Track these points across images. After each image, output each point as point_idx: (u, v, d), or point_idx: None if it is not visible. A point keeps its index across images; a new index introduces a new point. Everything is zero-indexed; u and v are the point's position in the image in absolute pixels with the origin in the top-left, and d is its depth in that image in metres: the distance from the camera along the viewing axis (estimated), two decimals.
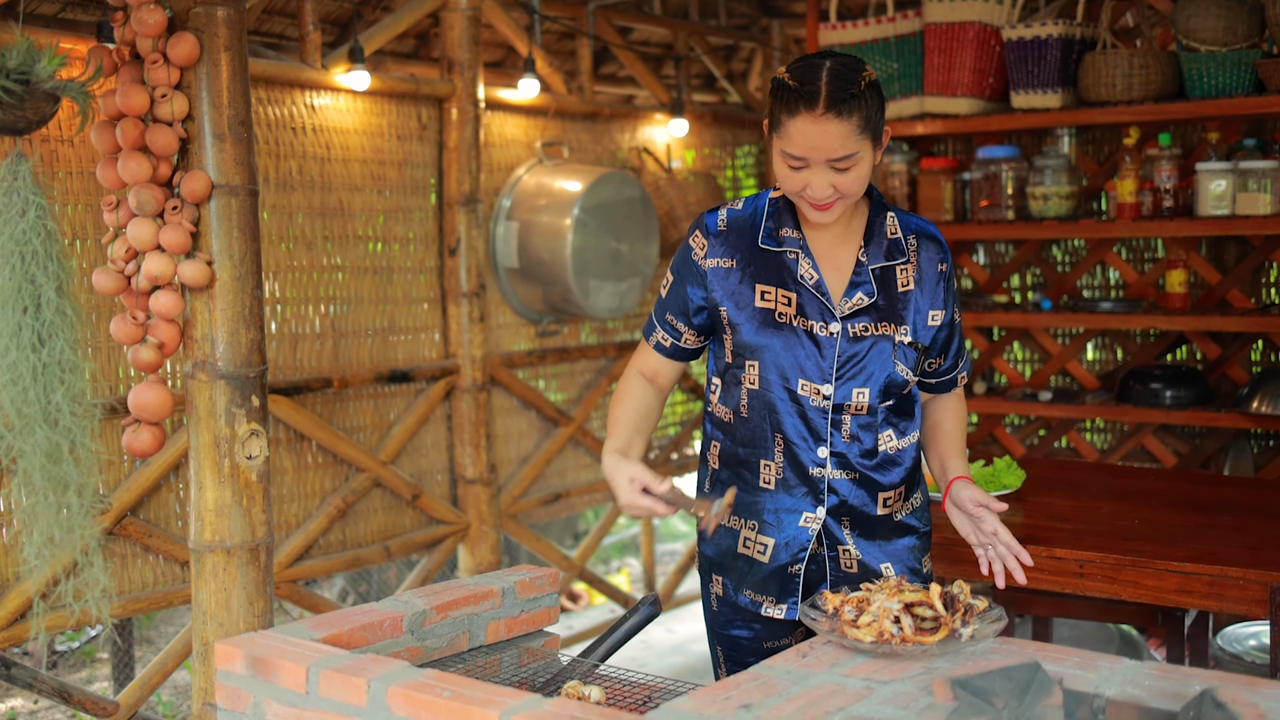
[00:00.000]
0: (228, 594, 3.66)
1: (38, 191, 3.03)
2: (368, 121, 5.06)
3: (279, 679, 2.29)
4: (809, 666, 2.25)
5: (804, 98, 2.57)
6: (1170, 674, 2.17)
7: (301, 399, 4.81)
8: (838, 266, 2.77)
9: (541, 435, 5.88)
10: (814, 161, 2.60)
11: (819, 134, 2.57)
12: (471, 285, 5.34)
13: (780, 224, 2.78)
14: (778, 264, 2.77)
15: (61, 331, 3.05)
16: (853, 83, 2.58)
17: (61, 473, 3.09)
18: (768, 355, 2.75)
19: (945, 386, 2.95)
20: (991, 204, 5.42)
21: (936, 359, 2.87)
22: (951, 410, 2.97)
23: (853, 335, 2.74)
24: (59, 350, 3.04)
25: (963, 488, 2.80)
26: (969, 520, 2.81)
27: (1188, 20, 4.71)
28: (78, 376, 3.09)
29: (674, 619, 6.77)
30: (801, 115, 2.57)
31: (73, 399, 3.08)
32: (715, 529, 2.73)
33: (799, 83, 2.58)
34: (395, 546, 5.15)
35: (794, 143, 2.60)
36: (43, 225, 3.01)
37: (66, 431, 3.08)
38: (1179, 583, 3.20)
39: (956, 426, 2.96)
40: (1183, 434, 5.49)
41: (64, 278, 3.08)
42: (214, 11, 3.52)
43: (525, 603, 2.79)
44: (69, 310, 3.07)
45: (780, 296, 2.76)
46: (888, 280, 2.77)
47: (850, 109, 2.56)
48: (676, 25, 6.50)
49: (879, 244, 2.78)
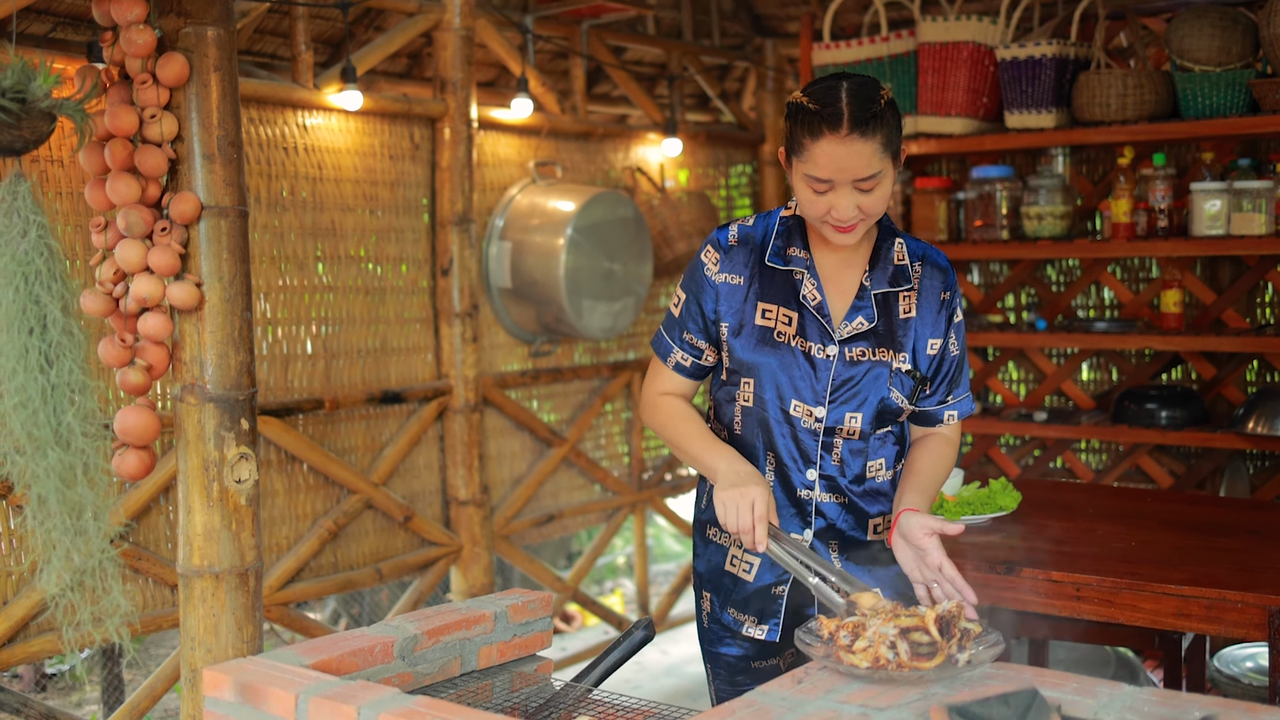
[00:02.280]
0: (216, 619, 3.63)
1: (38, 211, 3.00)
2: (360, 141, 5.05)
3: (268, 706, 2.26)
4: (804, 693, 2.22)
5: (827, 119, 2.55)
6: (1169, 699, 2.14)
7: (293, 420, 4.78)
8: (841, 289, 2.76)
9: (535, 456, 5.86)
10: (839, 183, 2.58)
11: (845, 154, 2.55)
12: (464, 305, 5.32)
13: (789, 243, 2.77)
14: (783, 282, 2.76)
15: (69, 351, 3.00)
16: (873, 100, 2.57)
17: (76, 495, 3.04)
18: (763, 373, 2.74)
19: (929, 419, 2.86)
20: (986, 224, 5.41)
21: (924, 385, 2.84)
22: (931, 452, 2.82)
23: (850, 359, 2.72)
24: (67, 370, 3.00)
25: (911, 516, 2.62)
26: (914, 554, 2.62)
27: (1182, 40, 4.70)
28: (87, 397, 3.05)
29: (668, 640, 6.73)
30: (826, 137, 2.56)
31: (84, 419, 3.03)
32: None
33: (820, 105, 2.57)
34: (387, 569, 5.12)
35: (819, 165, 2.58)
36: (45, 245, 2.98)
37: (80, 453, 3.03)
38: (1176, 606, 3.17)
39: (929, 466, 2.79)
40: (1178, 454, 5.47)
41: (69, 297, 3.04)
42: (204, 31, 3.50)
43: (518, 627, 2.76)
44: (75, 330, 3.03)
45: (781, 315, 2.74)
46: (889, 306, 2.76)
47: (874, 128, 2.55)
48: (670, 45, 6.50)
49: (884, 269, 2.77)
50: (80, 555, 3.10)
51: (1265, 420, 4.85)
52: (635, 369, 6.33)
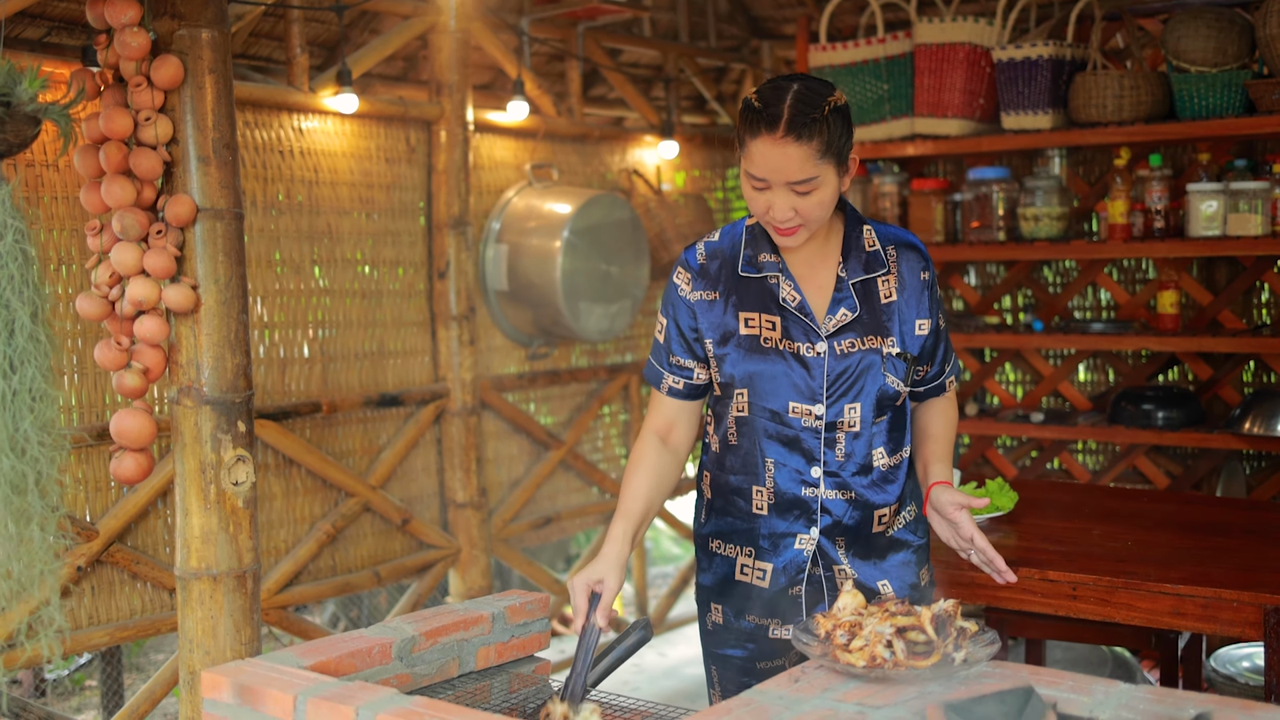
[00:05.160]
0: (214, 622, 3.63)
1: (17, 215, 2.99)
2: (356, 144, 5.05)
3: (266, 708, 2.26)
4: (801, 692, 2.23)
5: (765, 120, 2.59)
6: (1165, 698, 2.14)
7: (290, 423, 4.78)
8: (819, 285, 2.77)
9: (532, 459, 5.86)
10: (774, 183, 2.61)
11: (778, 156, 2.58)
12: (461, 308, 5.32)
13: (758, 250, 2.79)
14: (759, 290, 2.77)
15: (34, 358, 2.98)
16: (816, 107, 2.58)
17: (25, 504, 3.01)
18: (756, 382, 2.75)
19: (934, 392, 2.93)
20: (982, 225, 5.41)
21: (924, 366, 2.86)
22: (939, 414, 2.94)
23: (840, 352, 2.73)
24: (30, 377, 2.98)
25: (942, 492, 2.76)
26: (949, 525, 2.76)
27: (1178, 41, 4.71)
28: (48, 405, 3.02)
29: (666, 643, 6.73)
30: (762, 136, 2.59)
31: (41, 428, 3.00)
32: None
33: (763, 104, 2.61)
34: (385, 571, 5.12)
35: (755, 163, 2.62)
36: (20, 250, 2.96)
37: (33, 461, 3.00)
38: (1173, 605, 3.17)
39: (943, 431, 2.92)
40: (1175, 455, 5.47)
41: (40, 303, 3.01)
42: (198, 34, 3.51)
43: (515, 628, 2.76)
44: (43, 337, 3.01)
45: (764, 322, 2.75)
46: (869, 293, 2.77)
47: (810, 133, 2.57)
48: (666, 47, 6.50)
49: (857, 258, 2.78)
50: (20, 565, 3.07)
51: (1262, 421, 4.85)
52: (632, 371, 6.33)
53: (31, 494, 3.02)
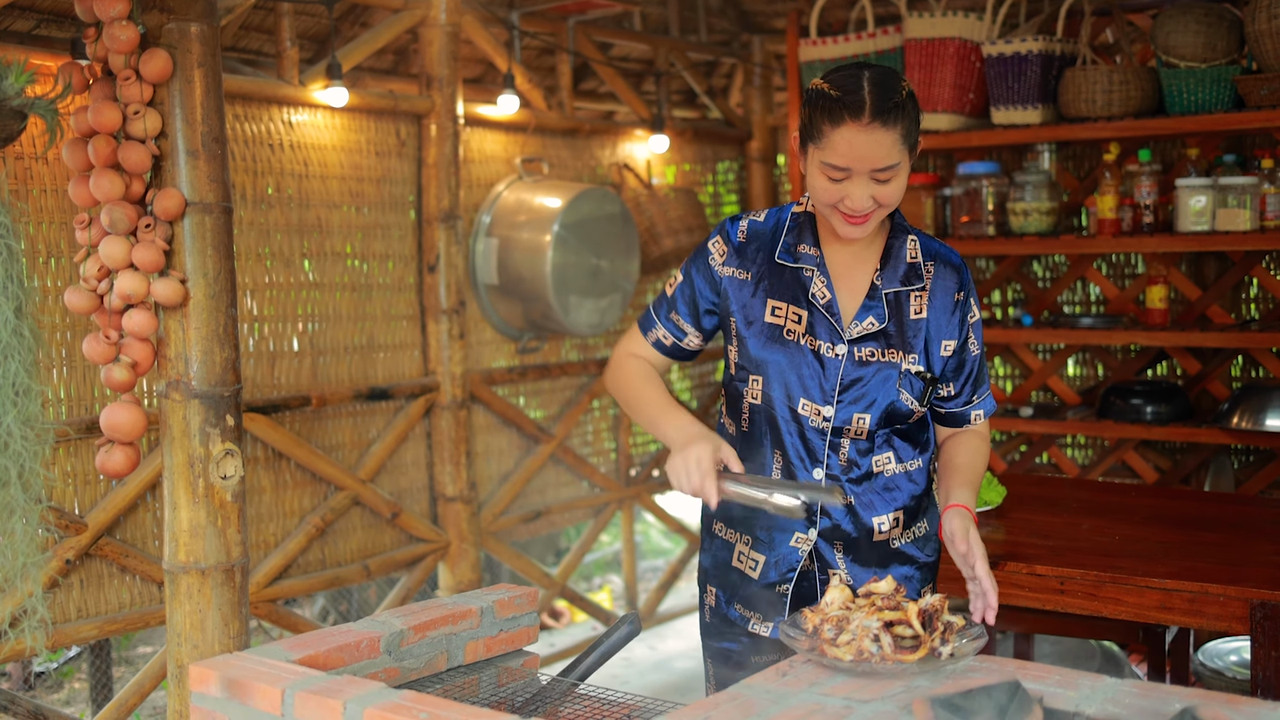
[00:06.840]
0: (202, 615, 3.63)
1: (1, 209, 2.98)
2: (346, 138, 5.04)
3: (254, 701, 2.26)
4: (788, 685, 2.23)
5: (849, 106, 2.54)
6: (1151, 692, 2.15)
7: (279, 417, 4.77)
8: (852, 288, 2.74)
9: (522, 452, 5.86)
10: (856, 172, 2.56)
11: (865, 142, 2.54)
12: (451, 302, 5.32)
13: (800, 239, 2.75)
14: (792, 280, 2.74)
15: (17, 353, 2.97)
16: (895, 90, 2.56)
17: (8, 498, 3.00)
18: (772, 371, 2.72)
19: (956, 420, 2.86)
20: (972, 220, 5.42)
21: (945, 387, 2.80)
22: (964, 447, 2.84)
23: (859, 359, 2.70)
24: (13, 372, 2.96)
25: (953, 517, 2.66)
26: (960, 553, 2.67)
27: (1167, 36, 4.71)
28: (31, 400, 3.00)
29: (656, 636, 6.74)
30: (847, 124, 2.54)
31: (24, 423, 2.99)
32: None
33: (843, 91, 2.55)
34: (375, 565, 5.12)
35: (838, 152, 2.56)
36: (4, 244, 2.95)
37: (15, 456, 2.99)
38: (1160, 599, 3.18)
39: (968, 461, 2.81)
40: (1163, 449, 5.49)
41: (23, 298, 3.00)
42: (187, 27, 3.50)
43: (504, 622, 2.76)
44: (26, 332, 2.99)
45: (791, 313, 2.72)
46: (900, 306, 2.73)
47: (895, 118, 2.54)
48: (657, 41, 6.50)
49: (895, 267, 2.74)
50: (4, 559, 3.07)
51: (1250, 415, 4.86)
52: None
53: (14, 487, 3.01)
